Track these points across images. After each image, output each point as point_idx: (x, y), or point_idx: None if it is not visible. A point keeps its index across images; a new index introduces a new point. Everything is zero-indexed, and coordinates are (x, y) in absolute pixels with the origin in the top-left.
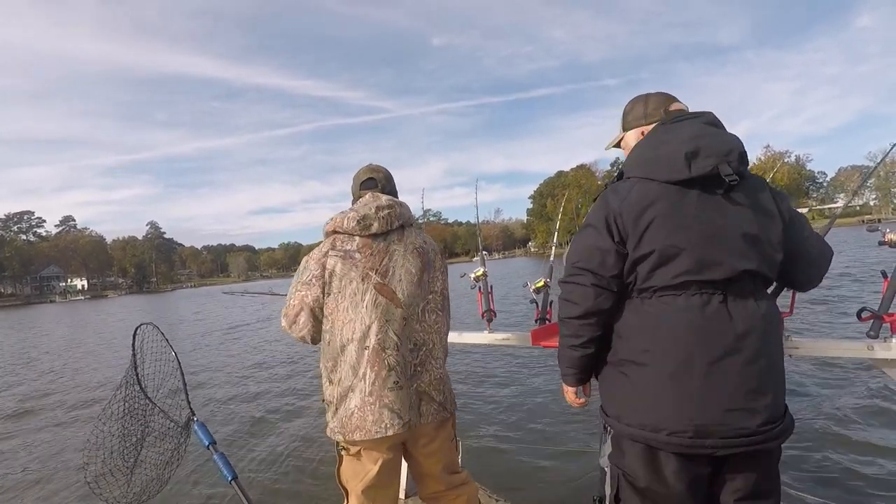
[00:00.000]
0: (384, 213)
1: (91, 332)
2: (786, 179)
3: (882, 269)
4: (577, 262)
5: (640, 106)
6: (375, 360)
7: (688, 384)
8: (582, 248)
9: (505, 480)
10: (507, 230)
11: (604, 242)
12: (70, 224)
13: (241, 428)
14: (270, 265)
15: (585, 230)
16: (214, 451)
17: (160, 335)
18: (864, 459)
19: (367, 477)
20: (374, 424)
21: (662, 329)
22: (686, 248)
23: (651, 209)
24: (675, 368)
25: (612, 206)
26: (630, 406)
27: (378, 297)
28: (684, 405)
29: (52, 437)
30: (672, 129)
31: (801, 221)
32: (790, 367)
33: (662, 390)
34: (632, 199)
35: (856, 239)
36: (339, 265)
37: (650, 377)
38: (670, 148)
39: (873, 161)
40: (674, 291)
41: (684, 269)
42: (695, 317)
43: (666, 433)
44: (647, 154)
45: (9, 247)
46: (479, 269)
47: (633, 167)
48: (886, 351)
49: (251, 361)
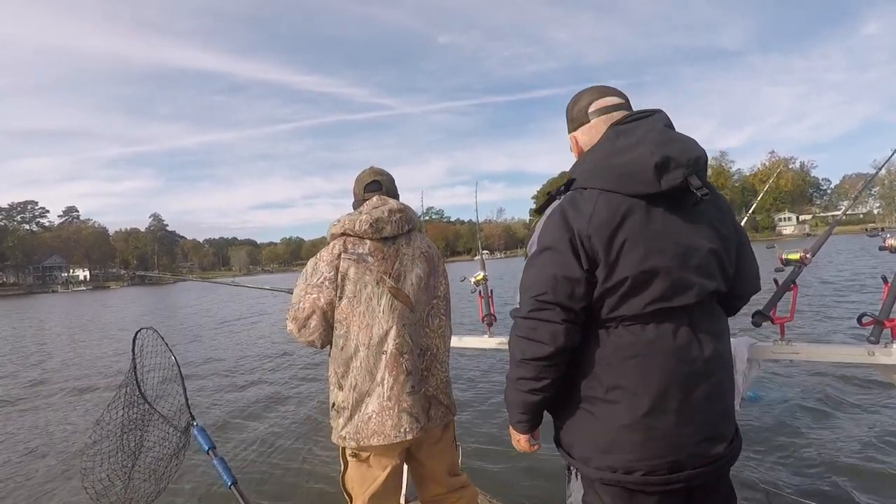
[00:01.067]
0: (396, 217)
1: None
2: (790, 186)
3: (882, 274)
4: (542, 294)
5: (570, 108)
6: (394, 365)
7: (663, 421)
8: (546, 277)
9: (503, 483)
10: (510, 230)
11: (571, 270)
12: (73, 215)
13: (240, 428)
14: (272, 259)
15: (544, 255)
16: (214, 456)
17: (160, 340)
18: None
19: (375, 483)
20: (392, 429)
21: (632, 363)
22: (660, 273)
23: (622, 230)
24: (650, 406)
25: (575, 225)
26: (598, 447)
27: (394, 302)
28: (659, 444)
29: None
30: (627, 132)
31: (746, 234)
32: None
33: (635, 430)
34: (600, 217)
35: (856, 246)
36: (352, 268)
37: (621, 416)
38: (634, 156)
39: (877, 169)
40: (643, 321)
41: (657, 296)
42: (666, 347)
43: (640, 474)
44: (605, 162)
45: (12, 236)
46: (480, 273)
47: (589, 177)
48: (887, 356)
49: (248, 356)
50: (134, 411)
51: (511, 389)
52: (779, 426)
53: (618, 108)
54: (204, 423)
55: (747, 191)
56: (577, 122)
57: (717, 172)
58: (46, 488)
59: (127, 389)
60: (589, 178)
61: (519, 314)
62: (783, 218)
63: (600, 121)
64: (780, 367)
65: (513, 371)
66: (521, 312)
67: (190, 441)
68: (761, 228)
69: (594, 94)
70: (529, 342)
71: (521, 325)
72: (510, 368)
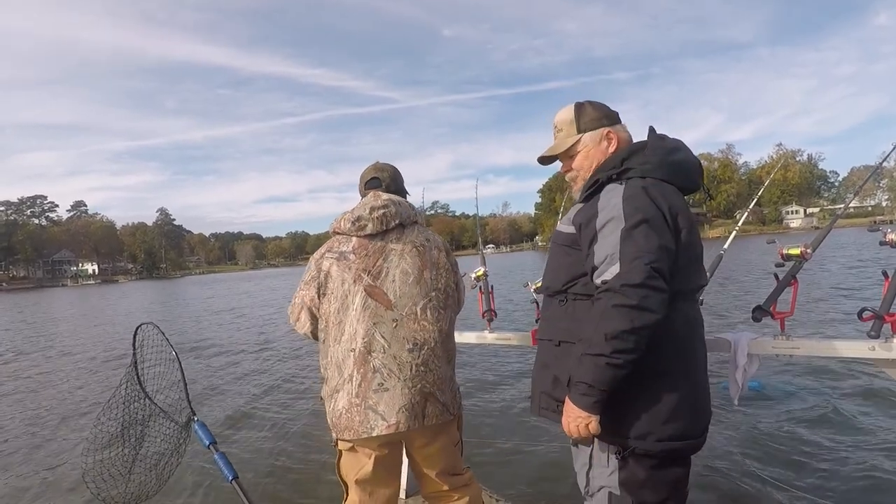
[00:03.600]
0: (378, 214)
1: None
2: (797, 178)
3: (883, 269)
4: (655, 261)
5: (591, 109)
6: (361, 363)
7: (701, 389)
8: (654, 246)
9: (507, 480)
10: (515, 224)
11: (671, 242)
12: (81, 209)
13: (241, 422)
14: (277, 254)
15: (644, 226)
16: (215, 451)
17: (161, 334)
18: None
19: (363, 471)
20: (360, 425)
21: (687, 335)
22: (696, 257)
23: (685, 213)
24: (698, 376)
25: (663, 204)
26: (658, 419)
27: (367, 300)
28: (699, 410)
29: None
30: (665, 137)
31: None
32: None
33: (688, 399)
34: (675, 201)
35: (858, 240)
36: (333, 267)
37: (680, 386)
38: (684, 156)
39: (886, 161)
40: (692, 298)
41: (697, 277)
42: (699, 320)
43: (690, 440)
44: (667, 158)
45: (22, 231)
46: (480, 269)
47: (653, 168)
48: (888, 351)
49: (250, 349)
50: (134, 406)
51: (598, 365)
52: (778, 420)
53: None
54: (204, 417)
55: (754, 183)
56: (612, 119)
57: (724, 165)
58: (48, 485)
59: (127, 384)
60: (652, 170)
61: (630, 282)
62: (791, 211)
63: (625, 126)
64: (780, 362)
65: (606, 345)
66: (632, 280)
67: (191, 436)
68: (769, 221)
69: (605, 105)
70: (640, 311)
71: (630, 294)
72: (598, 343)
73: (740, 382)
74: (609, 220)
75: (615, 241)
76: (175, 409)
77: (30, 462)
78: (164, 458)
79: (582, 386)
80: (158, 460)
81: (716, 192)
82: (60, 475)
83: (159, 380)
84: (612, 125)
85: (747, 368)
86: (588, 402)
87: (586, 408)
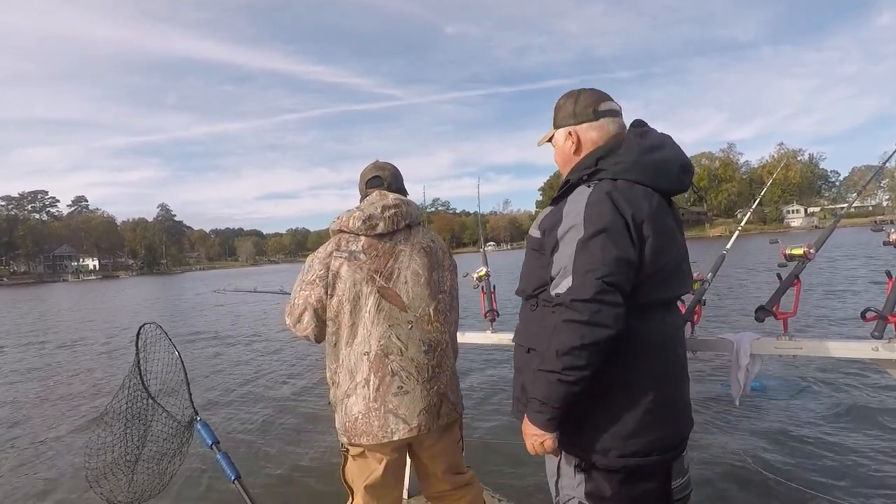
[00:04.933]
0: (390, 213)
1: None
2: (798, 178)
3: (887, 270)
4: (608, 275)
5: (570, 103)
6: (378, 367)
7: (674, 403)
8: (610, 259)
9: (508, 480)
10: (516, 222)
11: (631, 253)
12: (82, 204)
13: (242, 425)
14: (278, 250)
15: (602, 237)
16: (217, 451)
17: (164, 334)
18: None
19: (373, 475)
20: (380, 429)
21: (655, 348)
22: (671, 264)
23: (653, 220)
24: (667, 390)
25: (626, 211)
26: (620, 435)
27: (381, 302)
28: (671, 425)
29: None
30: (647, 134)
31: None
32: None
33: (655, 414)
34: (643, 206)
35: (859, 240)
36: (343, 267)
37: (644, 400)
38: (664, 155)
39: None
40: (664, 309)
41: (672, 286)
42: (672, 332)
43: (657, 455)
44: (641, 158)
45: (23, 226)
46: (482, 269)
47: (624, 170)
48: (891, 352)
49: (253, 349)
50: (137, 406)
51: (550, 382)
52: (779, 419)
53: (620, 114)
54: (207, 417)
55: (755, 183)
56: (580, 117)
57: (725, 164)
58: (51, 485)
59: (130, 384)
60: (624, 171)
61: (579, 297)
62: (791, 210)
63: (610, 122)
64: (783, 362)
65: (557, 361)
66: (582, 295)
67: (193, 436)
68: (769, 220)
69: (596, 95)
70: (591, 327)
71: (581, 309)
72: (550, 359)
73: (742, 382)
74: (570, 227)
75: (571, 252)
76: (178, 408)
77: (30, 462)
78: (166, 457)
79: (535, 403)
80: (161, 459)
81: (717, 191)
82: (62, 475)
83: (162, 379)
84: (578, 123)
85: (749, 369)
86: (542, 419)
87: (541, 425)
